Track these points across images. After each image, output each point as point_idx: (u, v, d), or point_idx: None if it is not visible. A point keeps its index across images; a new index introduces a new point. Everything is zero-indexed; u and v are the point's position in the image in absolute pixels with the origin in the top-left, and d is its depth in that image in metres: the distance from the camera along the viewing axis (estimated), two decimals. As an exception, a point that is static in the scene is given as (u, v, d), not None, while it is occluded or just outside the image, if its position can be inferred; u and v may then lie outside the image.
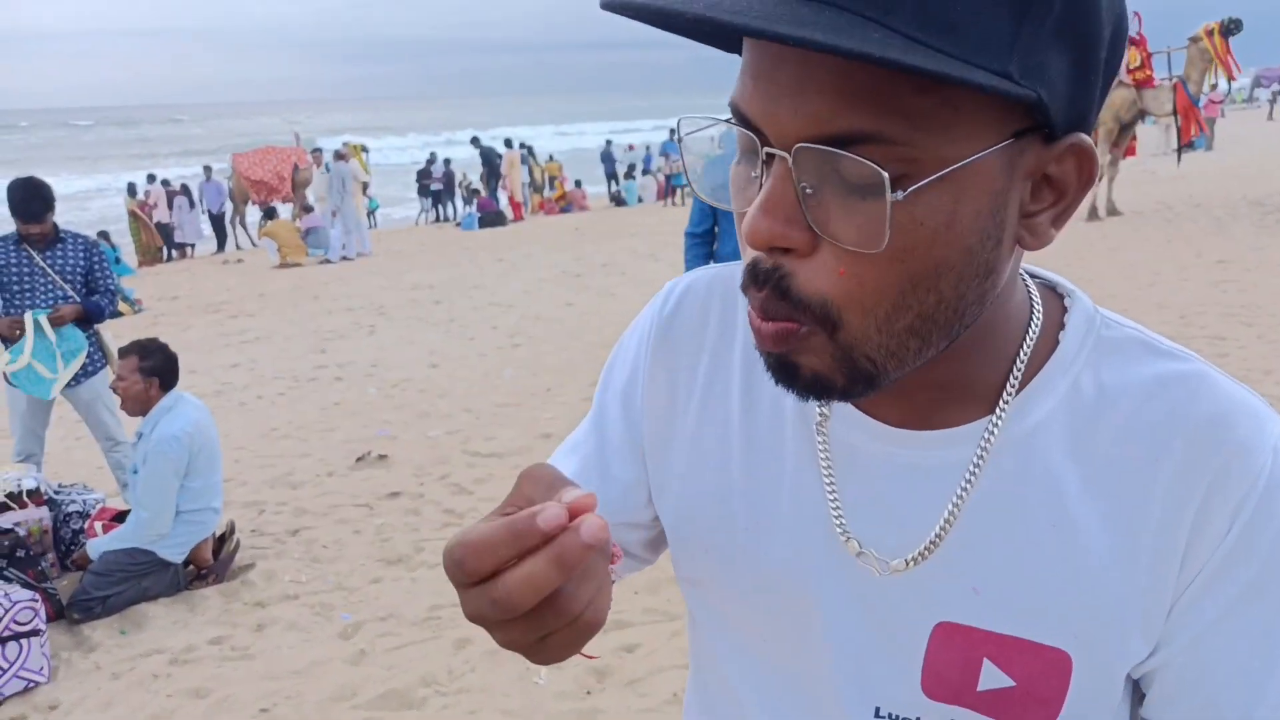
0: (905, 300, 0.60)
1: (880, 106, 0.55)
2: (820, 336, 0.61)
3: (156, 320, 11.78)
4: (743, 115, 0.60)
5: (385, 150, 38.57)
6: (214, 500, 4.53)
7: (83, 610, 4.21)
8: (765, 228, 0.59)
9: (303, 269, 15.55)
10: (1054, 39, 0.56)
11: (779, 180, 0.58)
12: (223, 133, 62.89)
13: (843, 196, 0.57)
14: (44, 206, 4.90)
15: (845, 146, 0.56)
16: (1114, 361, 0.71)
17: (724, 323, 0.82)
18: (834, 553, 0.74)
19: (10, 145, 63.91)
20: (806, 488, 0.75)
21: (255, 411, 7.45)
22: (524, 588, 0.52)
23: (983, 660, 0.71)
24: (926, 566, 0.71)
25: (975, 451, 0.70)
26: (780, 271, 0.60)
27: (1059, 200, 0.63)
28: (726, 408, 0.80)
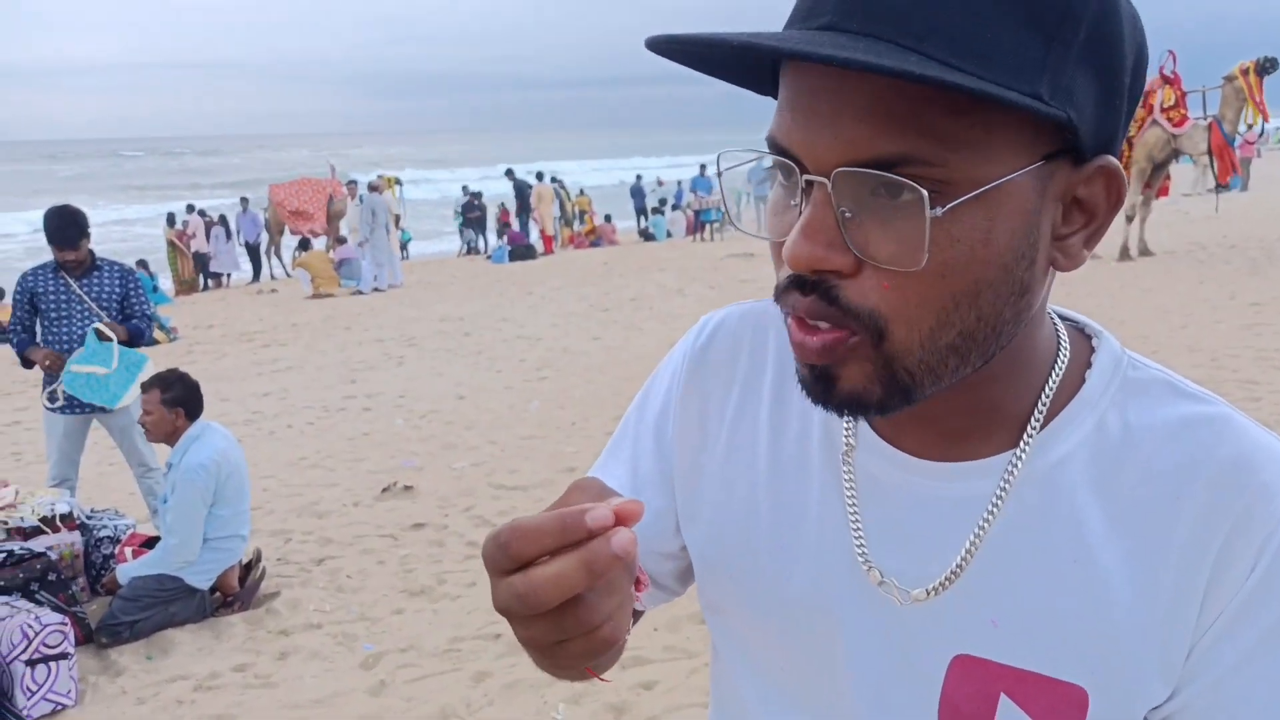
0: (948, 317, 0.62)
1: (915, 130, 0.58)
2: (866, 346, 0.63)
3: (191, 348, 11.96)
4: (780, 147, 0.63)
5: (421, 184, 38.99)
6: (241, 528, 4.59)
7: (111, 635, 4.27)
8: (807, 251, 0.61)
9: (335, 299, 15.73)
10: (1080, 64, 0.60)
11: (819, 205, 0.61)
12: (260, 164, 63.89)
13: (881, 218, 0.60)
14: (78, 233, 5.03)
15: (883, 169, 0.58)
16: (1140, 402, 0.72)
17: (754, 357, 0.84)
18: (856, 581, 0.75)
19: (56, 175, 65.23)
20: (830, 516, 0.77)
21: (284, 440, 7.53)
22: (550, 585, 0.54)
23: (1000, 695, 0.71)
24: (946, 597, 0.72)
25: (998, 484, 0.71)
26: (827, 282, 0.62)
27: (1090, 222, 0.66)
28: (755, 438, 0.82)
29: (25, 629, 3.71)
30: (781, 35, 0.59)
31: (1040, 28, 0.58)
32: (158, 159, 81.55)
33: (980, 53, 0.57)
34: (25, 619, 3.75)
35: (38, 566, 4.34)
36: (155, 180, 55.71)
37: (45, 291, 5.04)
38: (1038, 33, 0.58)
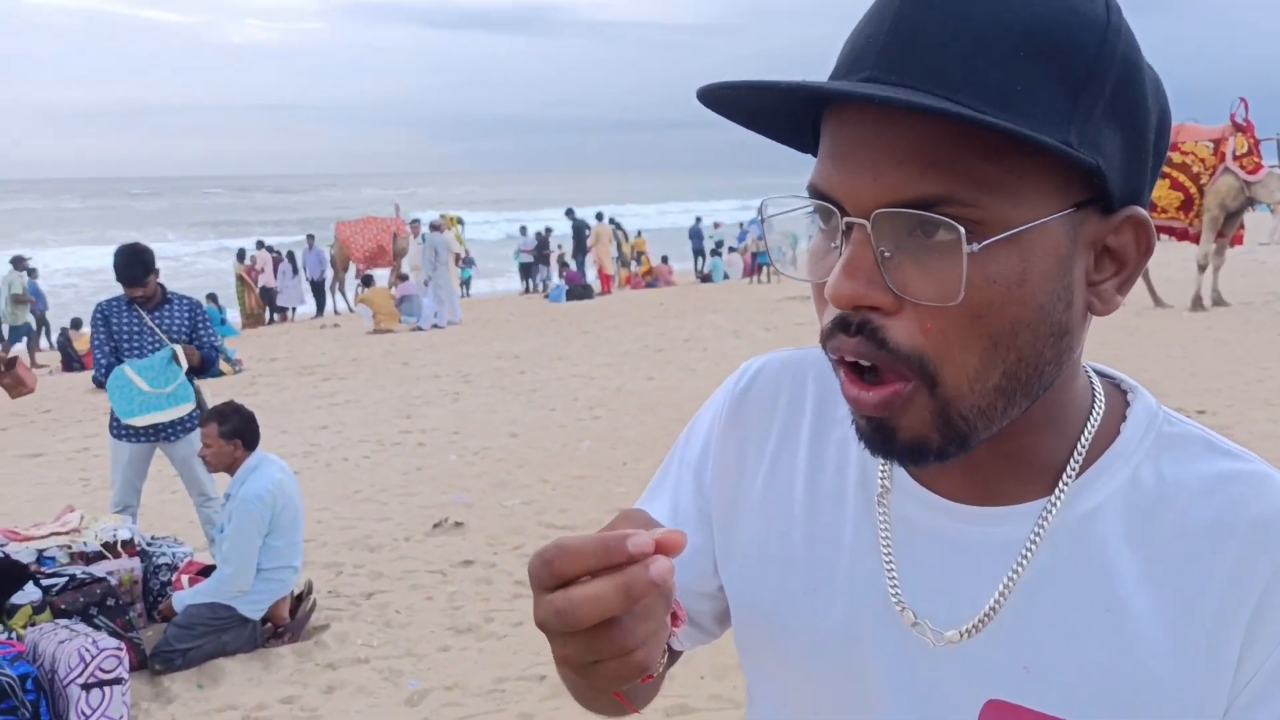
0: (990, 357, 0.64)
1: (951, 173, 0.61)
2: (922, 395, 0.65)
3: (254, 380, 12.21)
4: (821, 192, 0.66)
5: (482, 224, 39.56)
6: (294, 559, 4.67)
7: (164, 661, 4.34)
8: (849, 288, 0.63)
9: (395, 335, 15.98)
10: (1106, 118, 0.63)
11: (859, 245, 0.63)
12: (328, 203, 65.37)
13: (919, 257, 0.63)
14: (144, 271, 5.21)
15: (921, 210, 0.62)
16: (1175, 456, 0.72)
17: (793, 402, 0.86)
18: (889, 622, 0.75)
19: (136, 211, 67.33)
20: (865, 557, 0.78)
21: (340, 473, 7.64)
22: (587, 604, 0.56)
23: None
24: (979, 641, 0.72)
25: (1032, 530, 0.72)
26: (871, 323, 0.64)
27: (1121, 270, 0.68)
28: (791, 480, 0.83)
29: (83, 652, 3.79)
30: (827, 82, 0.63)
31: (1067, 83, 0.62)
32: (231, 196, 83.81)
33: (1011, 104, 0.60)
34: (83, 642, 3.84)
35: (98, 591, 4.44)
36: (228, 216, 57.26)
37: (120, 323, 5.23)
38: (1065, 87, 0.62)
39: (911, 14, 0.63)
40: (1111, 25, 0.64)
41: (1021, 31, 0.61)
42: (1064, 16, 0.62)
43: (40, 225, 53.55)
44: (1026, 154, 0.61)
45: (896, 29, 0.63)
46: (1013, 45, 0.61)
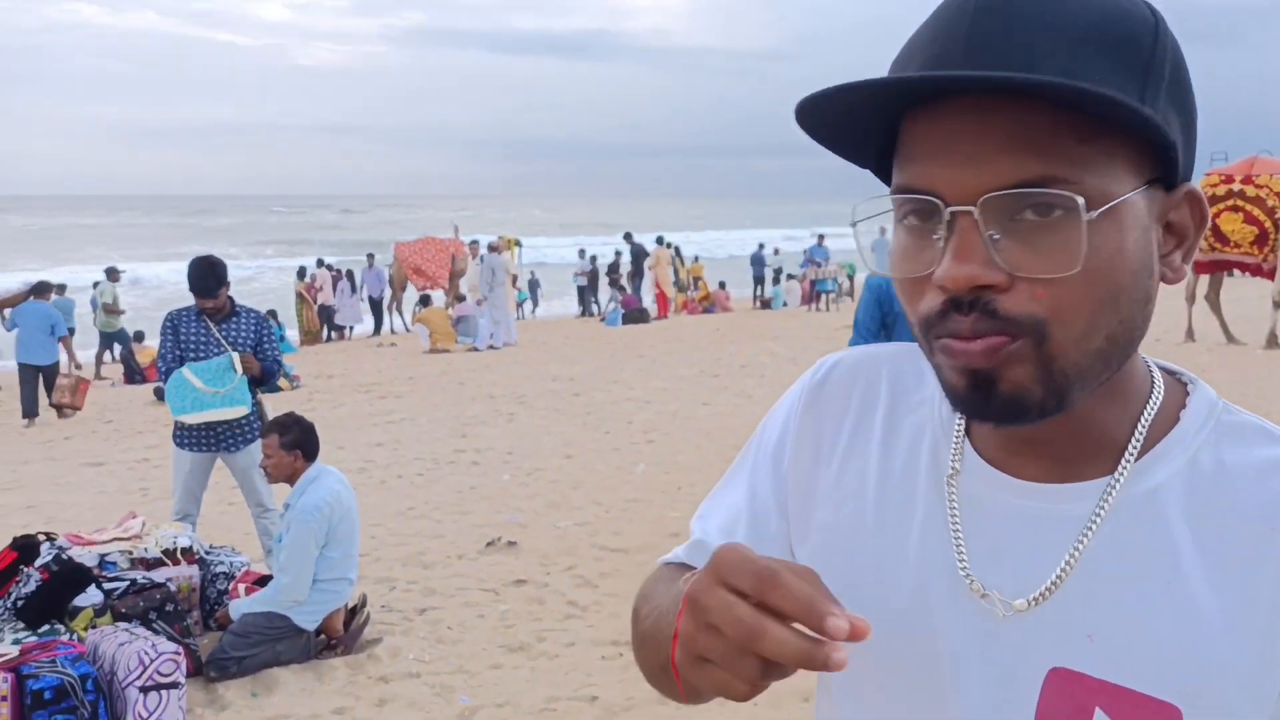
0: (1096, 320, 0.68)
1: (1051, 156, 0.65)
2: (1029, 349, 0.68)
3: (311, 397, 12.37)
4: (919, 189, 0.69)
5: (540, 249, 39.88)
6: (350, 571, 4.69)
7: (219, 669, 4.38)
8: (965, 271, 0.66)
9: (451, 355, 16.12)
10: (1169, 101, 0.69)
11: (968, 231, 0.67)
12: (387, 223, 66.37)
13: (1029, 234, 0.67)
14: (216, 283, 5.33)
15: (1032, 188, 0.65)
16: (1233, 443, 0.76)
17: (867, 393, 0.90)
18: (958, 594, 0.78)
19: (204, 228, 68.93)
20: (934, 535, 0.81)
21: (394, 490, 7.69)
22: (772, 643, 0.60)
23: (1095, 709, 0.73)
24: (1044, 611, 0.75)
25: (1095, 506, 0.75)
26: (985, 300, 0.67)
27: (1182, 242, 0.74)
28: (865, 465, 0.87)
29: (142, 655, 3.83)
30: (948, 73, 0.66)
31: (1133, 70, 0.67)
32: (296, 214, 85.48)
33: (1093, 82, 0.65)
34: (143, 646, 3.88)
35: (157, 596, 4.50)
36: (291, 235, 58.34)
37: (189, 333, 5.34)
38: (1133, 73, 0.67)
39: (987, 18, 0.67)
40: (1160, 30, 0.70)
41: (1087, 27, 0.67)
42: (1120, 15, 0.68)
43: (109, 240, 55.00)
44: (1111, 134, 0.66)
45: (976, 30, 0.67)
46: (1082, 40, 0.66)
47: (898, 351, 0.90)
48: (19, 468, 9.18)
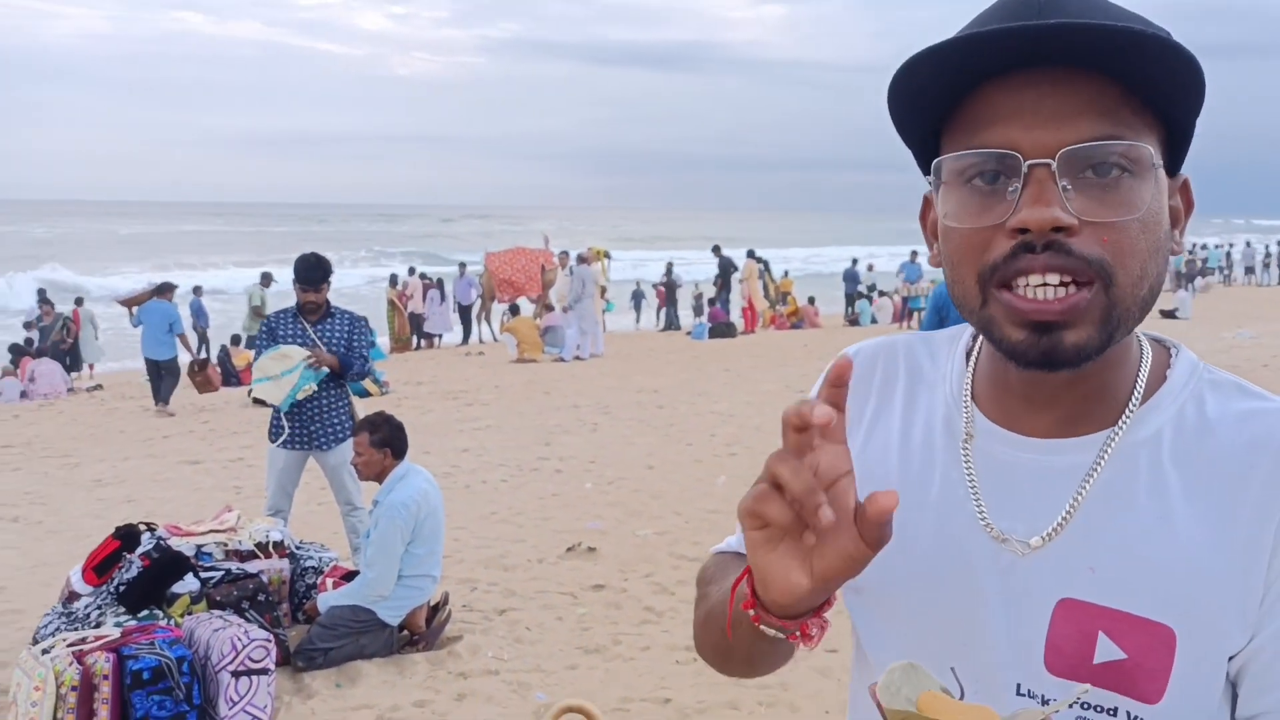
0: (1144, 268, 0.79)
1: (1118, 120, 0.77)
2: (1100, 296, 0.78)
3: (400, 402, 12.64)
4: (993, 146, 0.78)
5: (632, 259, 40.10)
6: (433, 569, 4.80)
7: (306, 659, 4.52)
8: (1046, 214, 0.76)
9: (538, 365, 16.31)
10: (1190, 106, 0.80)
11: (1044, 182, 0.76)
12: (479, 233, 67.41)
13: (1093, 188, 0.77)
14: (321, 276, 5.59)
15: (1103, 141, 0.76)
16: (1214, 397, 0.86)
17: (887, 373, 1.00)
18: (976, 539, 0.88)
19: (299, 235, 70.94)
20: (953, 489, 0.90)
21: (479, 495, 7.83)
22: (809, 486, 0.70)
23: (1098, 634, 0.82)
24: (1052, 549, 0.85)
25: (1096, 455, 0.85)
26: (1058, 241, 0.77)
27: (1178, 222, 0.85)
28: (888, 435, 0.97)
29: (235, 641, 3.98)
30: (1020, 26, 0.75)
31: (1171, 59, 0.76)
32: (391, 223, 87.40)
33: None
34: (236, 632, 4.03)
35: (250, 587, 4.67)
36: (385, 243, 59.68)
37: (286, 332, 5.55)
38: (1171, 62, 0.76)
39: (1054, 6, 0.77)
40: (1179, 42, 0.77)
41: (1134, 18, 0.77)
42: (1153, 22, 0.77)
43: (210, 246, 56.99)
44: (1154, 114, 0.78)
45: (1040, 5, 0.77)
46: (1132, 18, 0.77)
47: (912, 338, 1.01)
48: (120, 464, 9.58)
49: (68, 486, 8.68)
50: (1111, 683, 0.82)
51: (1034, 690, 0.86)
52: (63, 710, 3.72)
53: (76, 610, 4.47)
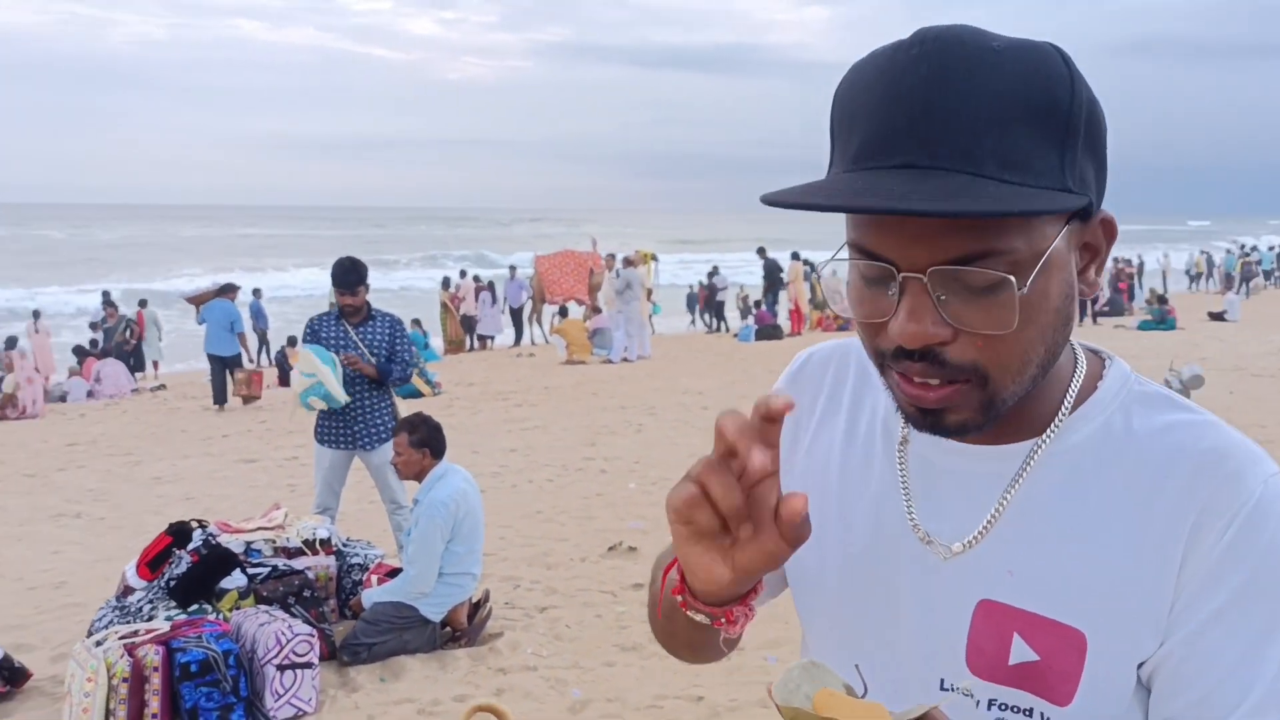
0: (1029, 357, 0.80)
1: (986, 232, 0.75)
2: (975, 390, 0.80)
3: (451, 403, 12.81)
4: (873, 253, 0.79)
5: (676, 262, 40.12)
6: (473, 566, 4.88)
7: (351, 654, 4.62)
8: (918, 330, 0.78)
9: (587, 367, 16.41)
10: (1086, 152, 0.79)
11: (918, 295, 0.77)
12: (530, 235, 67.81)
13: (971, 297, 0.77)
14: (357, 279, 5.66)
15: (969, 264, 0.76)
16: (1141, 409, 0.88)
17: (838, 375, 1.04)
18: (905, 540, 0.91)
19: (354, 238, 71.95)
20: (887, 490, 0.94)
21: (524, 494, 7.92)
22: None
23: (1014, 634, 0.85)
24: (976, 552, 0.88)
25: (1022, 463, 0.88)
26: (933, 351, 0.79)
27: (1095, 258, 0.85)
28: (834, 433, 1.01)
29: (279, 635, 4.09)
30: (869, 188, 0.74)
31: (1057, 136, 0.76)
32: (450, 227, 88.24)
33: (1024, 166, 0.75)
34: (280, 627, 4.14)
35: (296, 583, 4.79)
36: (443, 247, 60.26)
37: (329, 335, 5.67)
38: (1055, 141, 0.76)
39: (930, 100, 0.74)
40: (1075, 81, 0.77)
41: (1017, 102, 0.74)
42: (1042, 80, 0.75)
43: (268, 249, 57.98)
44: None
45: (918, 115, 0.74)
46: (1014, 116, 0.74)
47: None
48: (179, 462, 9.83)
49: (129, 483, 8.93)
50: (1026, 683, 0.85)
51: (957, 686, 0.89)
52: (114, 701, 3.86)
53: (130, 604, 4.62)
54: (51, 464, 9.92)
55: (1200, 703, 0.80)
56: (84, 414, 13.42)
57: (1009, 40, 0.78)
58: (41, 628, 5.22)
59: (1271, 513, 0.80)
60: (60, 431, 11.92)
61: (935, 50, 0.76)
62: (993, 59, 0.75)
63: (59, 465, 9.85)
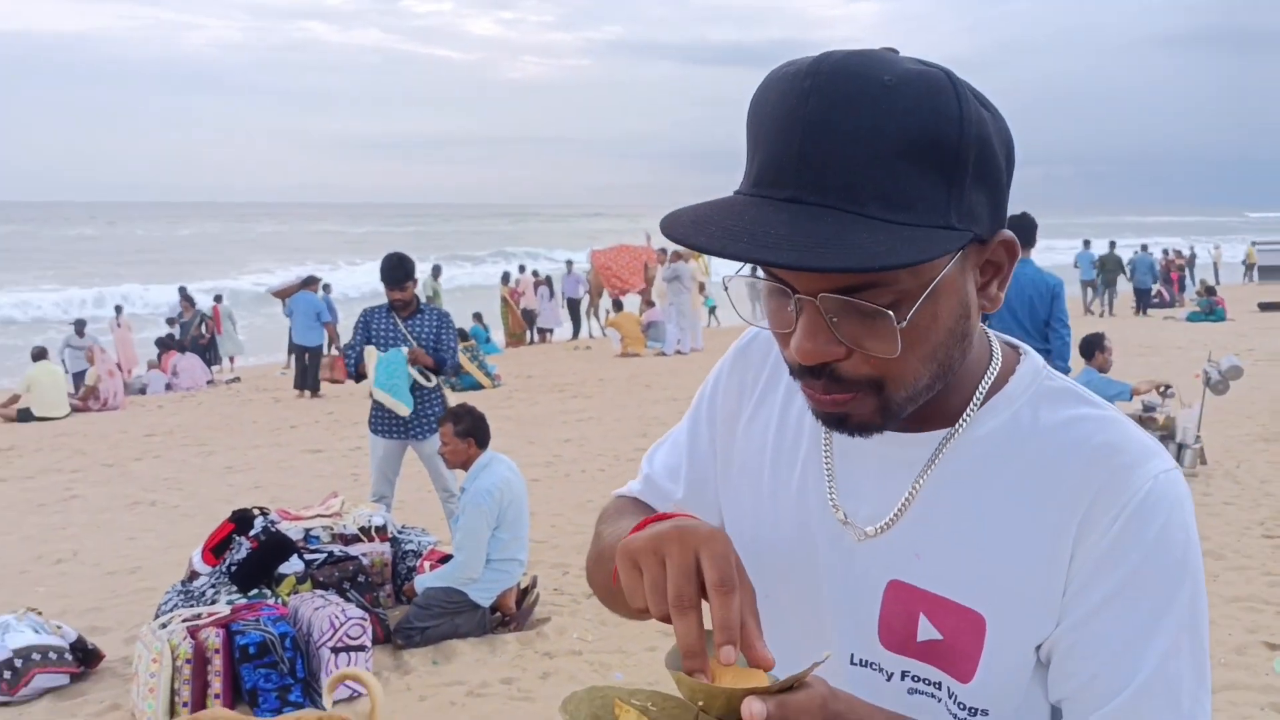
0: (920, 370, 0.85)
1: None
2: (870, 397, 0.85)
3: (510, 395, 13.02)
4: (777, 276, 0.83)
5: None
6: (519, 553, 5.01)
7: (405, 637, 4.78)
8: (812, 348, 0.82)
9: (641, 359, 16.53)
10: (974, 188, 0.80)
11: (812, 316, 0.82)
12: (587, 231, 68.13)
13: (860, 321, 0.81)
14: (404, 275, 5.84)
15: (855, 294, 0.79)
16: (1049, 403, 0.92)
17: (780, 357, 1.06)
18: (825, 519, 0.97)
19: (417, 234, 72.91)
20: (812, 473, 0.99)
21: (577, 483, 8.06)
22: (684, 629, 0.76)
23: (919, 615, 0.90)
24: (889, 534, 0.93)
25: (934, 450, 0.92)
26: (830, 368, 0.84)
27: (997, 274, 0.88)
28: (770, 413, 1.06)
29: (333, 619, 4.26)
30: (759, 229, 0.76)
31: (942, 173, 0.78)
32: (505, 223, 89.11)
33: (907, 205, 0.77)
34: (334, 610, 4.31)
35: (350, 569, 4.97)
36: (497, 243, 60.78)
37: (380, 326, 5.86)
38: (941, 178, 0.78)
39: (817, 136, 0.76)
40: (965, 116, 0.78)
41: (902, 140, 0.76)
42: (928, 119, 0.77)
43: (331, 246, 59.01)
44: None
45: (807, 150, 0.77)
46: (898, 153, 0.76)
47: None
48: (249, 452, 10.15)
49: (202, 473, 9.26)
50: (932, 659, 0.90)
51: (867, 660, 0.94)
52: (179, 681, 4.05)
53: (194, 588, 4.83)
54: (130, 454, 10.31)
55: (1088, 685, 0.84)
56: (161, 405, 13.90)
57: (903, 71, 0.78)
58: (116, 611, 5.48)
59: (1160, 507, 0.84)
60: (139, 423, 12.36)
61: (827, 84, 0.77)
62: (881, 95, 0.77)
63: (136, 455, 10.23)
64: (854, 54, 0.80)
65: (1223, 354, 10.02)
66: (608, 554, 1.02)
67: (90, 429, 11.96)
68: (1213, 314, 20.44)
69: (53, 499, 8.40)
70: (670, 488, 1.13)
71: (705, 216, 0.80)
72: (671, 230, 0.80)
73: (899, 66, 0.79)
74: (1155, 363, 13.29)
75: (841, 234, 0.75)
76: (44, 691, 4.39)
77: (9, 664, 4.30)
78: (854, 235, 0.75)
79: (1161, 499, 0.85)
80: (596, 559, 1.09)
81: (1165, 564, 0.84)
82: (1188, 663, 0.84)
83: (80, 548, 6.91)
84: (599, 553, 1.08)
